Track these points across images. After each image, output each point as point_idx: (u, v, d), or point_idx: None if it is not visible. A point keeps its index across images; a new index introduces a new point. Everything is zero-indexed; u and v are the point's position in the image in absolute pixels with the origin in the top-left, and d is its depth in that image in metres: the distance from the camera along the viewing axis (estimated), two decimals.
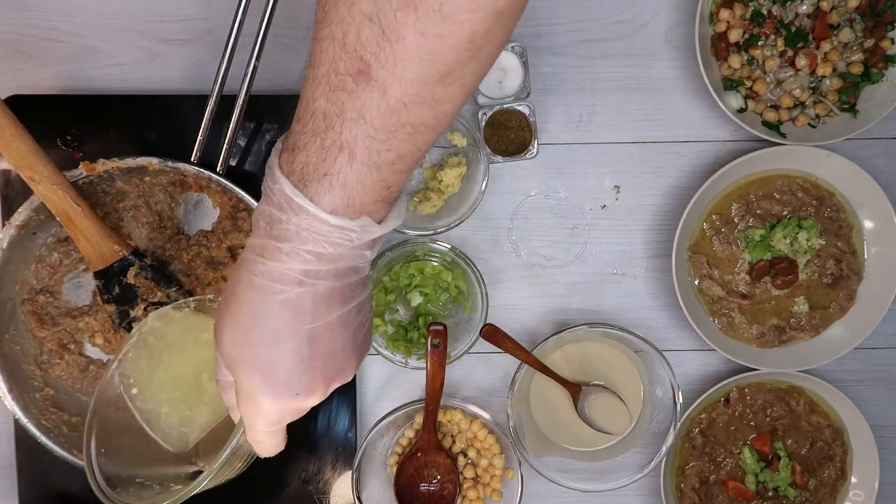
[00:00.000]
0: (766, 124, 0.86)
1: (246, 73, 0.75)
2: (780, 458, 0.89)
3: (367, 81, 0.43)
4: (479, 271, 0.82)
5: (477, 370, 0.90)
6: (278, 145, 0.49)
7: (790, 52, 0.84)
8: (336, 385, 0.54)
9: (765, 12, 0.84)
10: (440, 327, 0.80)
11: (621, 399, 0.86)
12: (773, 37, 0.84)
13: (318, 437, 0.86)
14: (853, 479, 0.90)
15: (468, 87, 0.46)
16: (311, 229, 0.47)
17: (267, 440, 0.56)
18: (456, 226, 0.82)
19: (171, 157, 0.77)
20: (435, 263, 0.85)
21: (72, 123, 0.82)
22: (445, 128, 0.48)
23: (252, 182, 0.80)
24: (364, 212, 0.48)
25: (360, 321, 0.54)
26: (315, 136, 0.46)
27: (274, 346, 0.50)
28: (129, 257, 0.78)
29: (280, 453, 0.69)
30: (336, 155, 0.46)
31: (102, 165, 0.77)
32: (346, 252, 0.49)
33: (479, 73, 0.46)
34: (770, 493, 0.89)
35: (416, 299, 0.85)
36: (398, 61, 0.43)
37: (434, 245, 0.82)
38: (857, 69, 0.84)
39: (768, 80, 0.85)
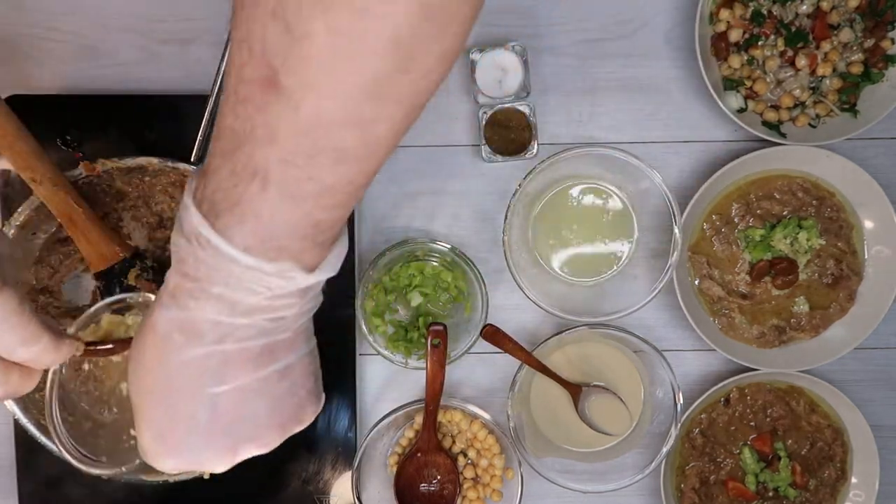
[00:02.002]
0: (766, 124, 0.86)
1: None
2: (780, 459, 0.88)
3: (275, 92, 0.36)
4: (479, 271, 0.82)
5: (477, 370, 0.90)
6: (199, 168, 0.42)
7: (790, 52, 0.84)
8: (246, 455, 0.47)
9: (765, 12, 0.84)
10: (440, 327, 0.79)
11: (621, 400, 0.86)
12: (773, 37, 0.84)
13: (318, 437, 0.86)
14: (853, 480, 0.90)
15: (407, 107, 0.37)
16: (221, 269, 0.40)
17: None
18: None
19: (171, 157, 0.77)
20: (435, 263, 0.85)
21: (72, 123, 0.82)
22: (383, 158, 0.39)
23: None
24: (286, 254, 0.40)
25: (287, 388, 0.47)
26: (225, 159, 0.38)
27: (170, 407, 0.44)
28: (130, 259, 0.78)
29: (280, 453, 0.68)
30: (248, 181, 0.38)
31: (102, 165, 0.77)
32: (265, 302, 0.41)
33: (418, 91, 0.37)
34: (770, 494, 0.89)
35: (416, 299, 0.85)
36: (309, 66, 0.35)
37: (434, 245, 0.82)
38: (857, 69, 0.84)
39: (768, 80, 0.85)
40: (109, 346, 0.62)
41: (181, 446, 0.45)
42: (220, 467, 0.47)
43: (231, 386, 0.44)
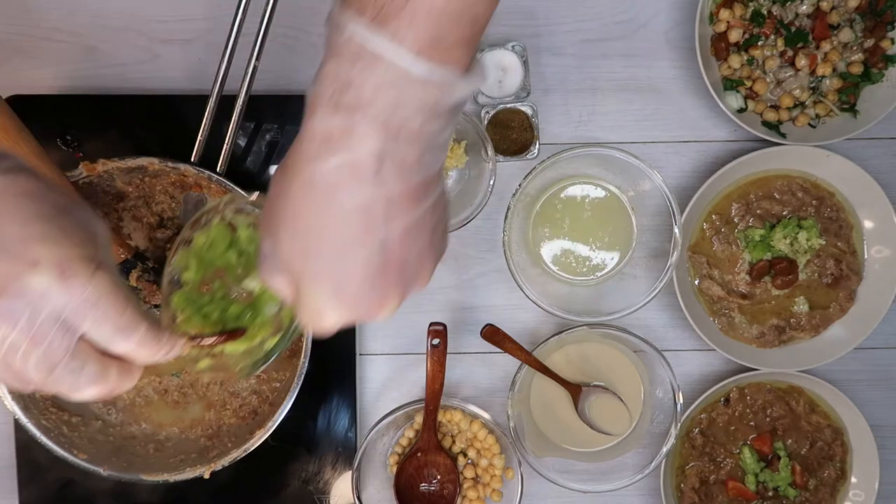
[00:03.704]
0: (766, 124, 0.86)
1: (246, 73, 0.75)
2: (780, 458, 0.89)
3: None
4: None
5: (477, 370, 0.90)
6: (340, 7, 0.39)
7: (790, 52, 0.84)
8: (412, 293, 0.46)
9: (765, 12, 0.84)
10: (440, 327, 0.79)
11: (621, 400, 0.86)
12: (773, 37, 0.84)
13: (318, 437, 0.87)
14: (853, 479, 0.90)
15: None
16: (393, 84, 0.38)
17: (328, 333, 0.47)
18: (462, 226, 0.82)
19: (171, 157, 0.77)
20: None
21: (72, 123, 0.82)
22: None
23: (252, 182, 0.80)
24: (450, 58, 0.39)
25: (437, 219, 0.46)
26: None
27: (341, 259, 0.42)
28: (131, 260, 0.78)
29: (280, 453, 0.68)
30: None
31: (102, 165, 0.77)
32: (427, 127, 0.40)
33: None
34: (770, 493, 0.89)
35: (252, 283, 0.59)
36: None
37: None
38: (857, 69, 0.84)
39: (768, 80, 0.85)
40: (214, 338, 0.55)
41: (359, 296, 0.44)
42: (389, 313, 0.46)
43: (400, 224, 0.42)
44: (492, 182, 0.81)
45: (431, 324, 0.80)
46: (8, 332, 0.38)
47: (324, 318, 0.45)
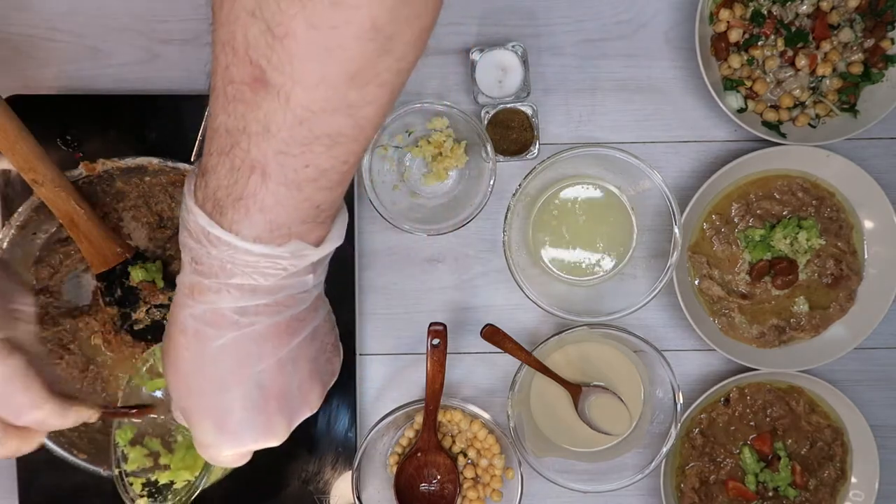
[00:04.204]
0: (766, 124, 0.86)
1: None
2: (780, 458, 0.89)
3: (264, 89, 0.37)
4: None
5: (477, 370, 0.90)
6: (194, 169, 0.43)
7: (790, 52, 0.84)
8: (299, 420, 0.50)
9: (765, 12, 0.84)
10: (440, 327, 0.80)
11: (622, 400, 0.86)
12: (773, 37, 0.84)
13: (318, 437, 0.86)
14: (853, 479, 0.90)
15: (389, 87, 0.39)
16: (236, 262, 0.41)
17: (233, 464, 0.52)
18: (462, 226, 0.82)
19: (171, 157, 0.77)
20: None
21: (72, 123, 0.82)
22: (372, 135, 0.41)
23: None
24: (293, 235, 0.42)
25: (318, 347, 0.49)
26: (223, 157, 0.40)
27: (220, 395, 0.45)
28: (131, 260, 0.78)
29: (280, 453, 0.68)
30: (248, 175, 0.39)
31: (102, 165, 0.77)
32: (283, 282, 0.43)
33: (399, 69, 0.39)
34: (770, 493, 0.89)
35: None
36: (294, 62, 0.36)
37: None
38: (857, 69, 0.84)
39: (768, 80, 0.85)
40: (127, 409, 0.62)
41: (241, 429, 0.47)
42: (278, 440, 0.49)
43: (272, 360, 0.45)
44: (492, 182, 0.81)
45: (431, 324, 0.80)
46: None
47: (211, 451, 0.48)
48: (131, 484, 0.66)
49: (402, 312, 0.89)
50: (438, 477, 0.85)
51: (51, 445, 0.78)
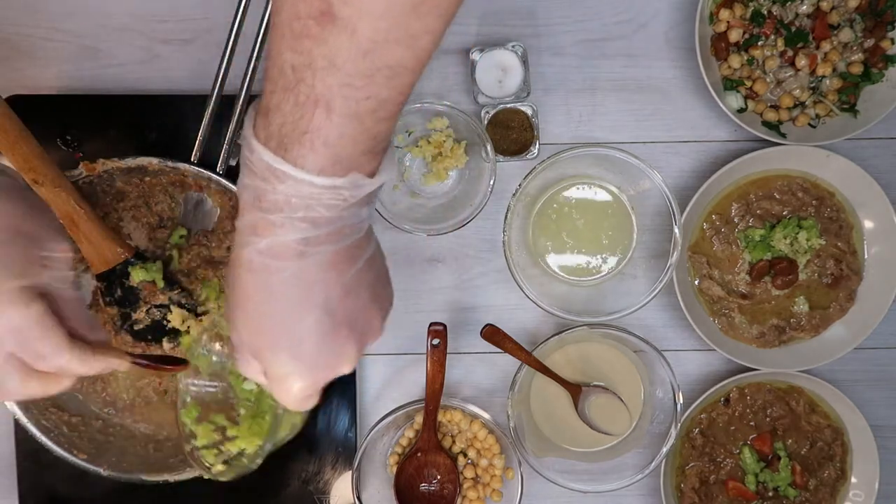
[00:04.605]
0: (766, 124, 0.86)
1: (246, 73, 0.75)
2: (780, 458, 0.89)
3: (331, 23, 0.39)
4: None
5: (477, 370, 0.90)
6: (251, 112, 0.45)
7: (790, 52, 0.84)
8: (368, 344, 0.51)
9: (765, 12, 0.84)
10: (440, 327, 0.80)
11: (622, 400, 0.86)
12: (773, 37, 0.84)
13: (318, 437, 0.86)
14: (853, 479, 0.90)
15: (446, 17, 0.41)
16: (301, 195, 0.43)
17: (303, 406, 0.52)
18: (462, 226, 0.82)
19: (171, 157, 0.77)
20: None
21: (72, 123, 0.82)
22: (425, 66, 0.43)
23: None
24: (353, 167, 0.44)
25: (374, 275, 0.51)
26: (287, 93, 0.42)
27: (292, 326, 0.47)
28: (132, 260, 0.78)
29: (280, 453, 0.69)
30: (312, 110, 0.41)
31: (102, 165, 0.77)
32: (342, 213, 0.45)
33: (452, 1, 0.40)
34: (770, 493, 0.89)
35: (250, 383, 0.68)
36: None
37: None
38: (857, 69, 0.84)
39: (768, 80, 0.85)
40: (159, 359, 0.62)
41: (315, 356, 0.48)
42: (349, 366, 0.50)
43: (337, 287, 0.47)
44: (492, 182, 0.81)
45: (431, 324, 0.80)
46: None
47: (288, 383, 0.49)
48: (203, 457, 0.68)
49: (402, 312, 0.89)
50: (438, 477, 0.86)
51: (51, 445, 0.78)
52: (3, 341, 0.46)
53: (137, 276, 0.78)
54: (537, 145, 0.85)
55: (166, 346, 0.83)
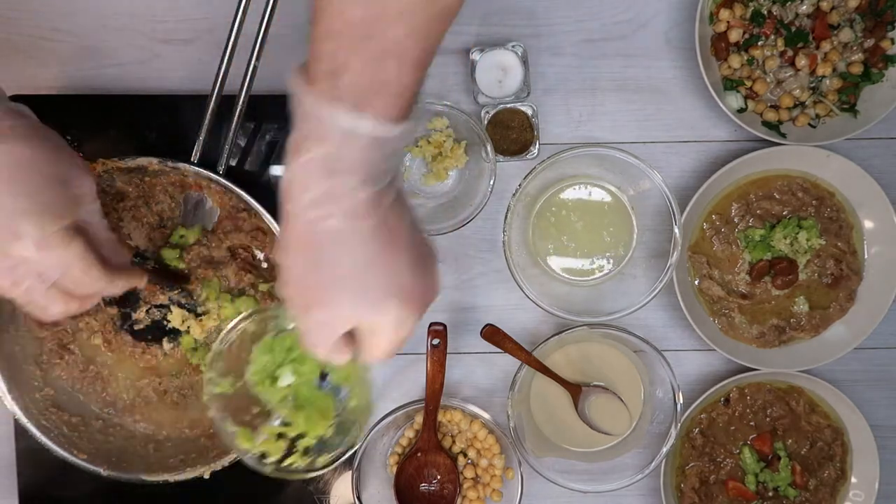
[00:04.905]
0: (766, 124, 0.86)
1: (246, 73, 0.75)
2: (780, 458, 0.89)
3: None
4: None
5: (477, 370, 0.90)
6: (298, 82, 0.45)
7: (790, 52, 0.84)
8: (434, 299, 0.53)
9: (765, 12, 0.84)
10: (440, 327, 0.80)
11: (622, 400, 0.86)
12: (773, 37, 0.84)
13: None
14: (853, 480, 0.90)
15: None
16: (378, 147, 0.44)
17: (392, 353, 0.53)
18: (462, 226, 0.82)
19: (171, 157, 0.77)
20: None
21: (72, 123, 0.82)
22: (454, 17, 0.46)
23: (252, 182, 0.80)
24: (410, 115, 0.46)
25: (418, 235, 0.53)
26: (356, 50, 0.42)
27: (396, 270, 0.49)
28: (132, 260, 0.78)
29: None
30: (383, 63, 0.42)
31: (102, 165, 0.77)
32: (395, 159, 0.48)
33: None
34: (770, 494, 0.89)
35: (287, 378, 0.63)
36: None
37: None
38: (857, 69, 0.84)
39: (768, 80, 0.85)
40: (172, 274, 0.67)
41: (420, 293, 0.51)
42: (438, 292, 0.53)
43: (409, 225, 0.50)
44: (492, 182, 0.81)
45: (431, 324, 0.80)
46: (16, 292, 0.52)
47: (403, 327, 0.51)
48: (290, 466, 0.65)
49: None
50: (438, 477, 0.86)
51: (51, 445, 0.78)
52: (49, 274, 0.51)
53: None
54: (537, 145, 0.85)
55: (166, 346, 0.83)
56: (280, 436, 0.64)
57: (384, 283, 0.49)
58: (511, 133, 0.84)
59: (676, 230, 0.80)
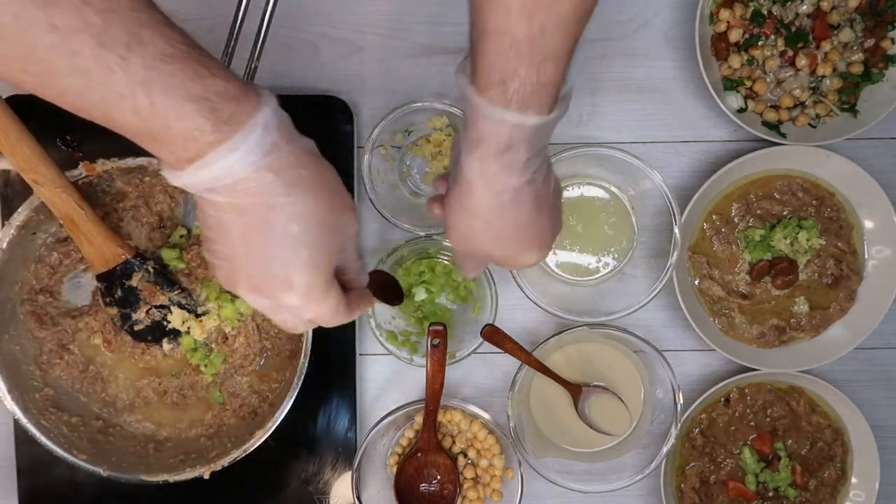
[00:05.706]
0: (766, 124, 0.86)
1: (246, 73, 0.75)
2: (780, 459, 0.89)
3: None
4: (490, 271, 0.82)
5: (477, 370, 0.90)
6: (473, 92, 0.51)
7: (790, 52, 0.84)
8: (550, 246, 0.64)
9: (765, 12, 0.84)
10: (440, 327, 0.79)
11: (622, 400, 0.86)
12: (773, 37, 0.84)
13: (318, 437, 0.86)
14: (853, 480, 0.90)
15: None
16: (537, 136, 0.52)
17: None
18: None
19: None
20: (446, 262, 0.85)
21: (72, 123, 0.82)
22: None
23: None
24: (558, 103, 0.53)
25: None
26: (521, 63, 0.49)
27: (545, 227, 0.59)
28: (132, 260, 0.78)
29: (280, 453, 0.69)
30: (543, 67, 0.49)
31: (102, 165, 0.77)
32: (547, 138, 0.55)
33: None
34: (770, 494, 0.89)
35: (421, 295, 0.84)
36: None
37: (447, 243, 0.82)
38: (857, 69, 0.84)
39: (768, 80, 0.85)
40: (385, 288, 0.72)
41: (540, 246, 0.61)
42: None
43: (547, 191, 0.59)
44: None
45: (431, 324, 0.80)
46: (274, 318, 0.56)
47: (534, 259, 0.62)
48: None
49: None
50: (438, 477, 0.85)
51: (51, 445, 0.78)
52: (305, 313, 0.55)
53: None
54: None
55: (166, 346, 0.83)
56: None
57: (533, 236, 0.59)
58: None
59: (676, 230, 0.80)
